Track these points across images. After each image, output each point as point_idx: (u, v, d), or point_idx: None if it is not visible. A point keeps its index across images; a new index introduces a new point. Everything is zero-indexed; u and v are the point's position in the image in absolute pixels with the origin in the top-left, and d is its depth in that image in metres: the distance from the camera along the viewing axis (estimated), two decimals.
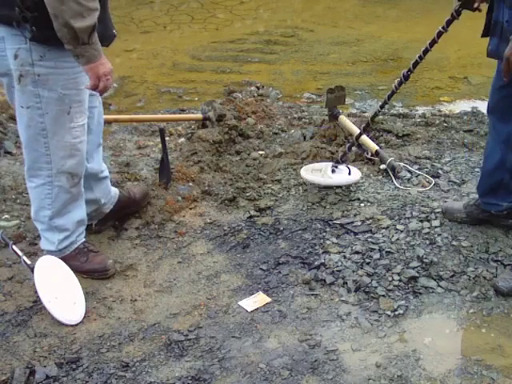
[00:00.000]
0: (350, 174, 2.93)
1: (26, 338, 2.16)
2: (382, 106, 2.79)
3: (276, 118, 3.98)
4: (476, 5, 2.30)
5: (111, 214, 2.71)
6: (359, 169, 3.22)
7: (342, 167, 2.99)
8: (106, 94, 2.19)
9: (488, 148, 2.57)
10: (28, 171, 2.33)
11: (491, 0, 2.22)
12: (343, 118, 3.51)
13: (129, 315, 2.28)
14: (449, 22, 2.40)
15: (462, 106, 4.32)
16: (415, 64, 2.56)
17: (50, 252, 2.45)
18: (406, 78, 2.61)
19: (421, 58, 2.53)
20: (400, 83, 2.63)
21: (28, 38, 2.01)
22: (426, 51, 2.51)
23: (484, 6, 2.28)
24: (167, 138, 3.54)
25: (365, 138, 3.35)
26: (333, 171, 2.97)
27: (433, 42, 2.47)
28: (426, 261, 2.46)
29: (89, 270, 2.46)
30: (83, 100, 2.23)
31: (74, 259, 2.46)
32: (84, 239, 2.51)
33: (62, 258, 2.42)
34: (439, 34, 2.45)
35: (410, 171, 3.17)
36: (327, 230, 2.73)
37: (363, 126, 2.95)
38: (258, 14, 6.98)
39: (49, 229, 2.41)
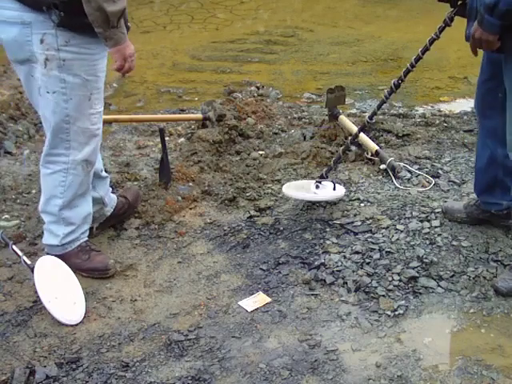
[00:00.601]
0: (334, 189, 2.87)
1: (25, 337, 2.16)
2: (370, 117, 2.81)
3: (276, 118, 3.98)
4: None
5: (110, 219, 2.72)
6: (359, 169, 3.22)
7: (326, 183, 2.93)
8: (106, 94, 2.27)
9: (478, 145, 2.56)
10: (45, 157, 2.35)
11: None
12: (343, 118, 3.51)
13: (129, 315, 2.28)
14: (441, 29, 2.39)
15: (462, 105, 4.32)
16: (406, 72, 2.55)
17: (51, 248, 2.45)
18: (397, 86, 2.61)
19: (412, 66, 2.53)
20: (390, 93, 2.63)
21: (55, 24, 2.08)
22: (418, 59, 2.50)
23: None
24: (167, 138, 3.54)
25: (365, 138, 3.35)
26: (317, 187, 2.92)
27: (425, 50, 2.46)
28: (426, 261, 2.46)
29: (90, 268, 2.46)
30: (101, 87, 2.30)
31: (76, 257, 2.46)
32: (87, 238, 2.51)
33: (63, 256, 2.43)
34: (431, 41, 2.44)
35: (410, 171, 3.17)
36: (327, 230, 2.73)
37: (350, 138, 2.96)
38: (258, 14, 6.98)
39: (56, 221, 2.42)
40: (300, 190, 2.92)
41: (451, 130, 3.74)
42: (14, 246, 2.44)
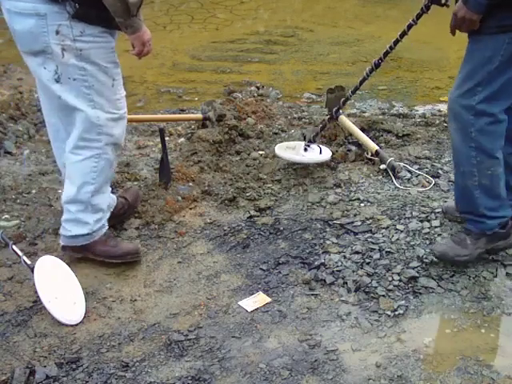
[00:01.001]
0: (321, 153, 3.12)
1: (25, 337, 2.16)
2: (353, 92, 3.02)
3: (276, 118, 3.98)
4: (444, 0, 2.42)
5: (110, 219, 2.70)
6: (359, 169, 3.22)
7: (314, 146, 3.18)
8: None
9: None
10: (76, 143, 2.36)
11: None
12: (343, 118, 3.51)
13: (129, 315, 2.28)
14: (418, 16, 2.59)
15: None
16: (386, 54, 2.82)
17: (76, 239, 2.45)
18: (377, 65, 2.90)
19: (391, 48, 2.76)
20: (371, 71, 2.93)
21: (70, 15, 2.12)
22: (396, 42, 2.74)
23: (452, 1, 2.32)
24: (167, 138, 3.54)
25: (365, 138, 3.35)
26: (305, 150, 3.17)
27: (403, 34, 2.70)
28: (426, 261, 2.46)
29: (123, 253, 2.51)
30: (120, 73, 2.36)
31: (104, 244, 2.50)
32: (108, 226, 2.56)
33: (89, 245, 2.47)
34: (409, 26, 2.66)
35: (410, 171, 3.17)
36: (327, 230, 2.73)
37: (335, 109, 3.19)
38: (258, 14, 6.98)
39: (85, 209, 2.43)
40: (290, 151, 3.20)
41: None
42: (14, 246, 2.44)
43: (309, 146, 3.17)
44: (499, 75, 2.19)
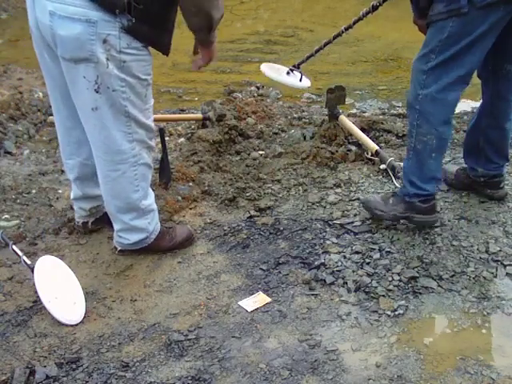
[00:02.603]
0: (301, 80, 3.32)
1: (25, 337, 2.16)
2: (335, 37, 3.41)
3: (276, 118, 3.99)
4: None
5: (106, 215, 2.71)
6: (359, 169, 3.22)
7: (297, 73, 3.38)
8: None
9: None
10: (113, 158, 2.33)
11: None
12: (343, 118, 3.51)
13: (129, 315, 2.28)
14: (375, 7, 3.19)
15: (462, 105, 4.31)
16: (337, 35, 3.37)
17: (138, 243, 2.52)
18: (335, 37, 3.41)
19: (350, 26, 3.25)
20: (336, 36, 3.45)
21: (122, 27, 2.09)
22: (349, 27, 3.28)
23: None
24: (167, 138, 3.54)
25: (365, 138, 3.35)
26: (288, 73, 3.36)
27: (358, 20, 3.25)
28: (426, 261, 2.46)
29: (182, 240, 2.62)
30: (152, 83, 2.38)
31: (163, 240, 2.57)
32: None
33: (151, 245, 2.54)
34: (365, 13, 3.22)
35: None
36: (327, 229, 2.73)
37: (298, 62, 3.49)
38: (258, 14, 6.99)
39: (138, 215, 2.46)
40: (274, 71, 3.40)
41: None
42: (14, 246, 2.44)
43: (292, 71, 3.36)
44: (450, 45, 2.31)
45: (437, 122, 2.44)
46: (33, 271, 2.29)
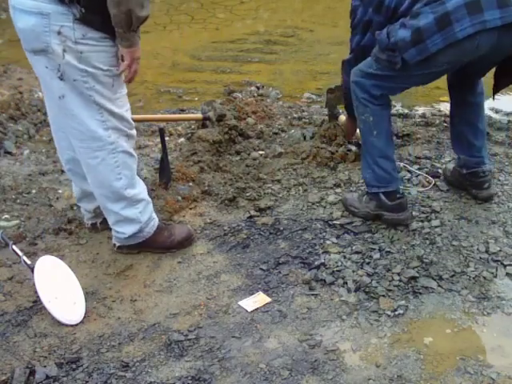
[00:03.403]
0: None
1: (25, 337, 2.16)
2: None
3: (276, 118, 3.98)
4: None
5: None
6: (359, 169, 3.21)
7: None
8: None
9: None
10: (90, 144, 2.34)
11: None
12: (343, 118, 3.51)
13: (129, 315, 2.28)
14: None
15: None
16: None
17: (133, 237, 2.51)
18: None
19: None
20: None
21: (75, 18, 2.11)
22: None
23: None
24: (167, 138, 3.54)
25: None
26: None
27: None
28: (426, 261, 2.46)
29: (182, 239, 2.61)
30: (122, 74, 2.35)
31: (161, 236, 2.57)
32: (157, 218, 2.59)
33: (147, 241, 2.53)
34: None
35: (409, 171, 3.17)
36: (327, 229, 2.73)
37: None
38: (258, 14, 6.98)
39: (129, 204, 2.45)
40: None
41: None
42: (14, 246, 2.44)
43: None
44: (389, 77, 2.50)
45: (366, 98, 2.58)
46: (33, 271, 2.29)
